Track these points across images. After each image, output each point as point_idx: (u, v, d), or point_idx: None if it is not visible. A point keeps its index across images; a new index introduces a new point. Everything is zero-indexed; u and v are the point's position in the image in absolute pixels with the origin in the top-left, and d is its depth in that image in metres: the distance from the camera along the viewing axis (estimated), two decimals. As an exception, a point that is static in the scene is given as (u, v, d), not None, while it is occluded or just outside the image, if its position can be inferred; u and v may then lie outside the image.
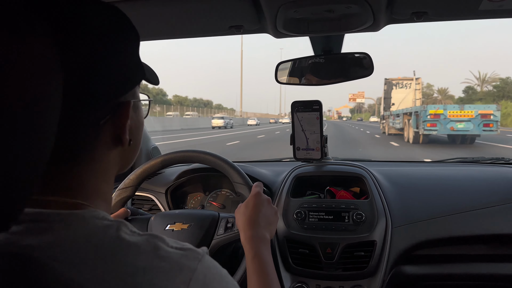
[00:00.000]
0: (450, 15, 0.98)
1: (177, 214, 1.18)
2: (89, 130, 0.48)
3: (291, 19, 0.99)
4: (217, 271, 0.50)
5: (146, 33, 1.16)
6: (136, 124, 0.57)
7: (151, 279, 0.42)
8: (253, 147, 14.73)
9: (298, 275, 1.26)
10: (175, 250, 0.47)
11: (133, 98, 0.55)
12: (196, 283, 0.45)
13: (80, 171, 0.49)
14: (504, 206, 1.30)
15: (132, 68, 0.53)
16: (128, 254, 0.43)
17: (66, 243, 0.42)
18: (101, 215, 0.47)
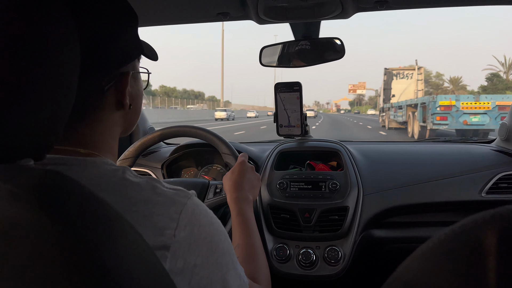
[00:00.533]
0: (410, 2, 1.11)
1: (171, 182, 1.32)
2: (97, 94, 0.59)
3: (271, 7, 1.13)
4: (204, 208, 0.60)
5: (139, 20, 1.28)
6: (135, 92, 0.66)
7: (150, 209, 0.52)
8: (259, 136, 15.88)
9: (280, 237, 1.41)
10: (169, 189, 0.57)
11: (133, 70, 0.65)
12: (185, 213, 0.55)
13: (91, 127, 0.60)
14: (463, 176, 1.46)
15: (131, 44, 0.62)
16: (132, 190, 0.53)
17: (83, 180, 0.51)
18: (109, 162, 0.58)
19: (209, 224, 0.59)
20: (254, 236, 0.92)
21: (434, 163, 1.55)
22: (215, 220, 0.62)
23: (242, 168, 1.08)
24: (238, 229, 0.93)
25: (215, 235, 0.59)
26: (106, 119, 0.62)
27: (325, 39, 1.39)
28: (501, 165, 1.47)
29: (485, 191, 1.41)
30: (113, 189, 0.53)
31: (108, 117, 0.62)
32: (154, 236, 0.51)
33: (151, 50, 0.75)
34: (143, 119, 1.91)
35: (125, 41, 0.61)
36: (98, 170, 0.56)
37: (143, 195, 0.54)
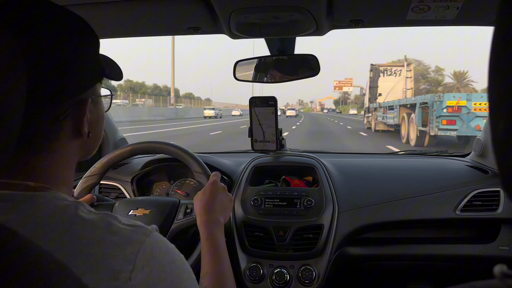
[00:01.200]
0: (383, 23, 1.11)
1: (140, 200, 1.27)
2: (51, 124, 0.54)
3: (243, 24, 1.09)
4: (164, 245, 0.56)
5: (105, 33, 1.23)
6: (95, 118, 0.62)
7: (104, 250, 0.48)
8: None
9: (253, 256, 1.37)
10: (126, 226, 0.53)
11: (93, 95, 0.60)
12: (143, 253, 0.51)
13: (44, 159, 0.55)
14: (439, 193, 1.46)
15: (90, 68, 0.58)
16: (84, 229, 0.50)
17: (30, 219, 0.49)
18: (61, 197, 0.53)
19: (170, 263, 0.55)
20: (223, 263, 0.88)
21: (410, 179, 1.55)
22: (178, 256, 0.58)
23: (214, 189, 1.04)
24: (207, 255, 0.89)
25: (177, 274, 0.56)
26: (62, 149, 0.57)
27: (300, 55, 1.37)
28: (475, 182, 1.48)
29: (459, 209, 1.41)
30: (63, 229, 0.49)
31: (64, 147, 0.58)
32: (108, 281, 0.47)
33: (115, 68, 0.69)
34: (114, 129, 1.85)
35: (84, 65, 0.56)
36: (48, 207, 0.51)
37: (96, 234, 0.50)
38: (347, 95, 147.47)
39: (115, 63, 0.70)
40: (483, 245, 1.42)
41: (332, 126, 26.43)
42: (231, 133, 18.19)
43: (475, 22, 1.08)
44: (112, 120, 1.86)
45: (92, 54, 0.59)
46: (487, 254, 1.40)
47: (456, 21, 1.04)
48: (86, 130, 0.59)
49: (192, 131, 19.48)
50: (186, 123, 27.78)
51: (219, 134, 17.58)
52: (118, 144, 1.84)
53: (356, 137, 16.71)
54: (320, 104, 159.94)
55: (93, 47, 0.59)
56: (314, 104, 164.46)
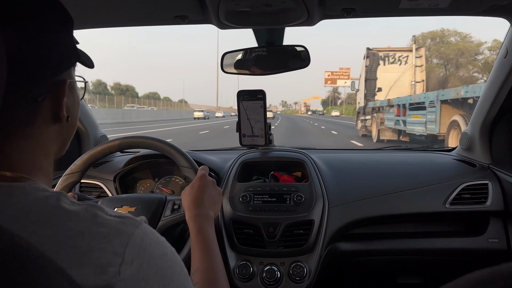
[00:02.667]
0: (376, 11, 1.08)
1: (124, 198, 1.21)
2: (29, 106, 0.52)
3: (232, 11, 1.05)
4: (154, 236, 0.53)
5: (92, 21, 1.18)
6: (72, 103, 0.61)
7: (90, 243, 0.45)
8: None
9: (243, 254, 1.34)
10: (113, 217, 0.50)
11: (69, 78, 0.59)
12: (133, 245, 0.48)
13: (21, 146, 0.52)
14: (427, 187, 1.45)
15: (66, 50, 0.57)
16: (68, 220, 0.46)
17: (9, 211, 0.45)
18: (41, 187, 0.50)
19: (161, 255, 0.52)
20: (215, 259, 0.85)
21: (399, 173, 1.54)
22: (169, 249, 0.55)
23: (203, 182, 1.01)
24: (198, 250, 0.86)
25: (168, 267, 0.53)
26: (39, 135, 0.55)
27: (289, 46, 1.33)
28: (463, 175, 1.48)
29: (448, 202, 1.41)
30: (45, 220, 0.46)
31: (41, 133, 0.55)
32: (95, 276, 0.44)
33: (86, 57, 0.69)
34: (94, 125, 1.78)
35: (60, 46, 0.55)
36: (28, 198, 0.47)
37: (81, 226, 0.47)
38: (337, 94, 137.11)
39: (85, 53, 0.70)
40: (473, 238, 1.42)
41: (315, 132, 21.18)
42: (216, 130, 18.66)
43: (469, 10, 1.07)
44: (92, 116, 1.79)
45: (68, 36, 0.58)
46: (477, 247, 1.40)
47: (450, 9, 1.02)
48: (65, 114, 0.57)
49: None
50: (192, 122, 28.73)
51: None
52: (99, 141, 1.77)
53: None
54: (305, 105, 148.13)
55: (69, 29, 0.58)
56: (298, 105, 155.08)
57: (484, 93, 1.50)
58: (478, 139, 1.57)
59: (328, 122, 35.13)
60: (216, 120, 40.57)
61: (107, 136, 1.84)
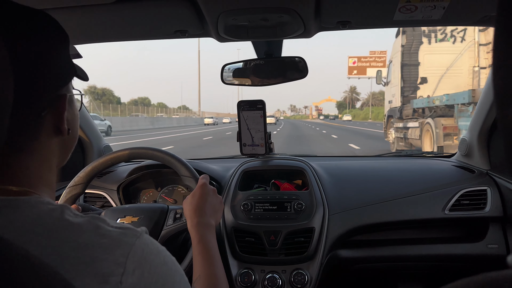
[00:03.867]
0: (370, 23, 1.11)
1: (127, 208, 1.23)
2: (33, 121, 0.54)
3: (231, 26, 1.08)
4: (155, 246, 0.55)
5: (91, 37, 1.21)
6: (72, 116, 0.64)
7: (92, 253, 0.47)
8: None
9: (244, 262, 1.35)
10: (114, 229, 0.52)
11: (69, 92, 0.62)
12: (134, 256, 0.50)
13: (25, 160, 0.55)
14: (426, 194, 1.47)
15: (65, 66, 0.60)
16: (71, 232, 0.48)
17: (15, 224, 0.47)
18: (46, 201, 0.52)
19: (161, 265, 0.54)
20: (216, 266, 0.87)
21: (398, 180, 1.55)
22: (169, 258, 0.57)
23: (204, 191, 1.02)
24: (199, 258, 0.88)
25: (169, 276, 0.55)
26: (43, 149, 0.57)
27: (288, 58, 1.36)
28: (462, 182, 1.49)
29: (448, 208, 1.43)
30: (49, 233, 0.48)
31: (45, 146, 0.58)
32: (98, 285, 0.46)
33: (81, 71, 0.72)
34: (98, 137, 1.81)
35: (59, 62, 0.58)
36: (33, 211, 0.50)
37: (84, 238, 0.49)
38: (356, 94, 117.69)
39: (79, 66, 0.73)
40: (472, 244, 1.43)
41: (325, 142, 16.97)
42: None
43: (461, 21, 1.10)
44: (96, 127, 1.82)
45: (65, 51, 0.61)
46: (476, 252, 1.41)
47: (443, 20, 1.05)
48: (66, 127, 0.60)
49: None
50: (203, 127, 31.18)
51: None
52: (103, 151, 1.80)
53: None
54: (316, 109, 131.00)
55: (65, 45, 0.61)
56: (309, 109, 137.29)
57: (481, 99, 1.51)
58: (476, 145, 1.58)
59: (334, 128, 30.15)
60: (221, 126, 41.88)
61: (111, 147, 1.87)
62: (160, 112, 68.81)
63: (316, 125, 40.70)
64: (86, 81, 0.74)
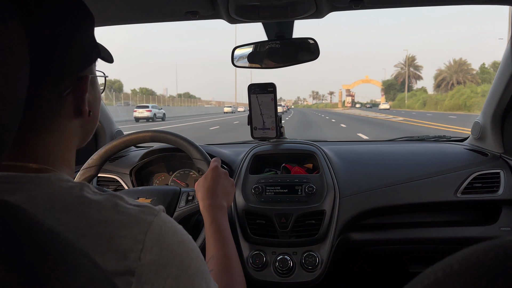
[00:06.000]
0: (384, 2, 1.09)
1: (140, 190, 1.25)
2: (54, 101, 0.54)
3: (242, 6, 1.07)
4: (172, 225, 0.56)
5: (103, 19, 1.21)
6: (93, 98, 0.63)
7: (111, 230, 0.48)
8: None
9: (256, 244, 1.36)
10: (133, 206, 0.53)
11: (91, 74, 0.62)
12: (152, 233, 0.51)
13: (46, 139, 0.55)
14: (438, 177, 1.46)
15: (88, 47, 0.59)
16: (91, 209, 0.49)
17: (35, 200, 0.48)
18: (65, 178, 0.53)
19: (178, 243, 0.55)
20: (229, 246, 0.88)
21: (410, 163, 1.54)
22: (186, 237, 0.58)
23: (215, 174, 1.03)
24: (212, 239, 0.88)
25: (186, 254, 0.55)
26: (63, 129, 0.57)
27: (299, 39, 1.35)
28: (475, 165, 1.48)
29: (460, 191, 1.42)
30: (69, 209, 0.48)
31: (65, 127, 0.58)
32: (117, 261, 0.46)
33: (106, 52, 0.71)
34: (110, 121, 1.82)
35: (83, 42, 0.57)
36: (52, 188, 0.50)
37: (103, 214, 0.49)
38: (414, 69, 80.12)
39: (105, 47, 0.72)
40: (484, 227, 1.42)
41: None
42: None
43: None
44: (108, 112, 1.84)
45: (90, 33, 0.60)
46: (489, 235, 1.40)
47: None
48: (87, 109, 0.59)
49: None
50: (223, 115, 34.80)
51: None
52: (115, 136, 1.82)
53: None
54: (348, 94, 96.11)
55: (90, 26, 0.60)
56: (336, 94, 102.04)
57: (495, 82, 1.49)
58: (489, 128, 1.56)
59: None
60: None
61: (123, 132, 1.88)
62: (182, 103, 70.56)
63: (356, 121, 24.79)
64: (111, 63, 0.73)
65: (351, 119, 27.89)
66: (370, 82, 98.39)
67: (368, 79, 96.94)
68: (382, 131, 15.70)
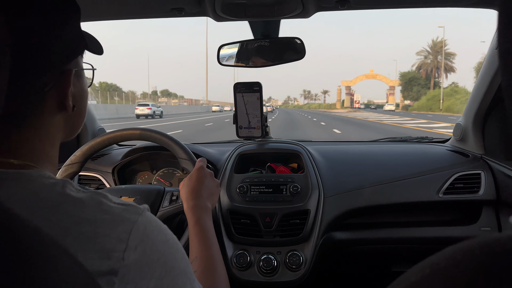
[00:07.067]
0: (370, 3, 1.10)
1: (123, 188, 1.23)
2: (36, 96, 0.53)
3: (228, 4, 1.07)
4: (157, 224, 0.55)
5: (87, 15, 1.19)
6: (79, 92, 0.61)
7: (95, 229, 0.47)
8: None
9: (240, 243, 1.36)
10: (117, 205, 0.52)
11: (76, 67, 0.59)
12: (136, 232, 0.50)
13: (28, 135, 0.53)
14: (421, 177, 1.48)
15: (73, 40, 0.57)
16: (73, 207, 0.48)
17: (17, 196, 0.47)
18: (47, 175, 0.51)
19: (163, 242, 0.54)
20: (213, 248, 0.87)
21: (393, 164, 1.56)
22: (170, 236, 0.57)
23: (200, 174, 1.02)
24: (196, 240, 0.87)
25: (170, 254, 0.54)
26: (46, 124, 0.56)
27: (285, 38, 1.35)
28: (456, 166, 1.50)
29: (442, 192, 1.44)
30: (51, 207, 0.47)
31: (48, 122, 0.56)
32: (100, 260, 0.46)
33: (95, 43, 0.69)
34: (92, 118, 1.79)
35: (67, 35, 0.55)
36: (34, 184, 0.49)
37: (86, 213, 0.48)
38: (447, 59, 57.91)
39: (95, 38, 0.70)
40: (465, 227, 1.45)
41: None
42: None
43: (461, 2, 1.09)
44: (90, 109, 1.80)
45: (75, 25, 0.58)
46: (469, 235, 1.43)
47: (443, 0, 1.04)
48: (71, 103, 0.58)
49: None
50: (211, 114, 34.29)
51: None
52: (97, 133, 1.79)
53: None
54: (348, 92, 78.18)
55: (76, 18, 0.58)
56: (330, 94, 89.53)
57: (477, 84, 1.52)
58: (471, 130, 1.59)
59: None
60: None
61: (105, 129, 1.85)
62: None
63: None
64: (100, 55, 0.70)
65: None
66: (376, 77, 75.94)
67: (374, 74, 74.96)
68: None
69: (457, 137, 1.70)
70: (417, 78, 63.58)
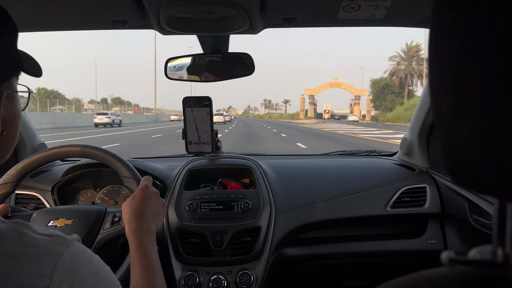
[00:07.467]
0: (315, 22, 1.11)
1: (61, 209, 1.15)
2: None
3: (174, 18, 1.03)
4: (87, 256, 0.51)
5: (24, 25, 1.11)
6: (11, 116, 0.57)
7: (14, 264, 0.43)
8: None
9: (189, 264, 1.31)
10: (41, 236, 0.48)
11: (8, 89, 0.54)
12: (62, 266, 0.46)
13: None
14: (370, 191, 1.50)
15: (6, 61, 0.52)
16: None
17: None
18: None
19: (93, 276, 0.50)
20: (156, 274, 0.82)
21: (343, 178, 1.58)
22: (103, 269, 0.53)
23: (145, 194, 0.96)
24: (138, 265, 0.82)
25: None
26: None
27: (234, 54, 1.33)
28: (403, 179, 1.54)
29: (390, 205, 1.47)
30: None
31: None
32: None
33: (33, 64, 0.64)
34: (32, 133, 1.68)
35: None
36: None
37: (6, 246, 0.44)
38: (423, 64, 52.46)
39: (33, 59, 0.65)
40: (413, 240, 1.49)
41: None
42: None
43: (403, 22, 1.12)
44: (30, 123, 1.69)
45: (9, 44, 0.53)
46: (417, 248, 1.47)
47: (385, 21, 1.07)
48: (0, 128, 0.53)
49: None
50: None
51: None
52: (37, 149, 1.67)
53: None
54: (311, 101, 75.08)
55: (9, 36, 0.53)
56: (292, 104, 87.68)
57: (421, 100, 1.57)
58: (416, 144, 1.64)
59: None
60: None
61: (46, 144, 1.74)
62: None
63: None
64: (38, 77, 0.65)
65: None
66: (341, 86, 73.84)
67: (338, 83, 72.75)
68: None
69: (403, 151, 1.75)
70: (391, 85, 58.53)
